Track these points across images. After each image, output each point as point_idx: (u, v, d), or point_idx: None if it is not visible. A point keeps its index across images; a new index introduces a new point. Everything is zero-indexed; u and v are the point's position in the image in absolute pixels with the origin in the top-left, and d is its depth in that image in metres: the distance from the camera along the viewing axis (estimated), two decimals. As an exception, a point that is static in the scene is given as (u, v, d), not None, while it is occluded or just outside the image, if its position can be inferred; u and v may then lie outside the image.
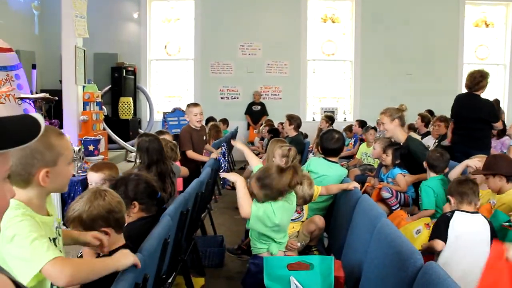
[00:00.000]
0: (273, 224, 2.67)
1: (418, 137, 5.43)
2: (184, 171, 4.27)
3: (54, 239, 1.66)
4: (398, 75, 11.29)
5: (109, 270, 1.63)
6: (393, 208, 4.23)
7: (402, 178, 4.30)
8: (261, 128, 9.31)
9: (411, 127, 8.29)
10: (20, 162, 1.51)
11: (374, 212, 2.54)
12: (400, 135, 4.41)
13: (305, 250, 3.39)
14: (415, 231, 3.63)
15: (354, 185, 3.39)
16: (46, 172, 1.55)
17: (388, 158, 4.49)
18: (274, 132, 7.31)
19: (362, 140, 7.22)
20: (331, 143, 3.89)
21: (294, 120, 6.05)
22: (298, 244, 3.25)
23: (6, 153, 0.89)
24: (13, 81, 7.29)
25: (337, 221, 3.51)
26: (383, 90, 11.16)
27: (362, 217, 2.77)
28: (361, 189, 3.57)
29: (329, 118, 9.16)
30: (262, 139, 9.20)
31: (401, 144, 4.39)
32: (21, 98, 6.49)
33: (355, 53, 11.50)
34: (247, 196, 2.72)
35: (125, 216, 2.01)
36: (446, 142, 5.43)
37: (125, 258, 1.68)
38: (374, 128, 7.13)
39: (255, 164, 3.36)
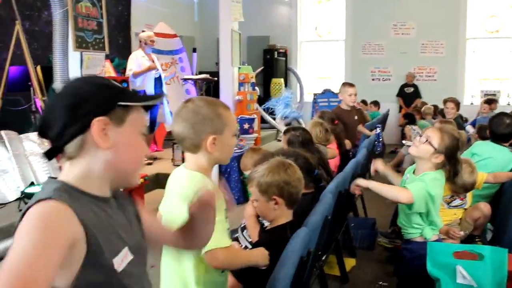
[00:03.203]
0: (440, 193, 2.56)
1: None
2: (332, 153, 4.20)
3: None
4: None
5: (249, 265, 1.80)
6: None
7: None
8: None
9: None
10: (193, 127, 1.62)
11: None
12: None
13: (467, 240, 3.18)
14: None
15: (529, 174, 3.09)
16: (214, 138, 1.63)
17: None
18: (410, 118, 6.87)
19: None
20: (502, 128, 3.59)
21: (457, 103, 5.72)
22: (461, 232, 3.05)
23: (140, 109, 1.17)
24: (177, 64, 7.92)
25: (506, 211, 3.22)
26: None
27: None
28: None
29: (491, 101, 8.41)
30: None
31: None
32: (185, 79, 6.99)
33: (526, 29, 10.33)
34: (388, 186, 2.62)
35: (300, 194, 2.07)
36: None
37: (263, 260, 1.78)
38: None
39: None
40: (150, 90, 6.17)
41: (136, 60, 6.20)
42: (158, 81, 6.48)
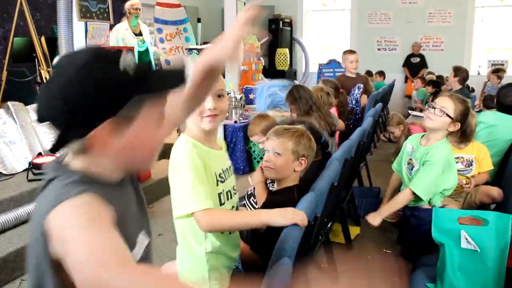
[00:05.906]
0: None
1: None
2: (341, 125, 4.23)
3: (226, 169, 1.79)
4: None
5: (257, 225, 1.73)
6: None
7: None
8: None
9: None
10: None
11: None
12: None
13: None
14: None
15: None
16: None
17: None
18: (436, 84, 6.76)
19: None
20: (510, 100, 3.55)
21: (460, 73, 5.61)
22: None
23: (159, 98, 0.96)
24: (182, 34, 7.83)
25: (510, 179, 3.23)
26: None
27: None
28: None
29: (498, 70, 8.32)
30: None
31: None
32: (189, 49, 6.96)
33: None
34: (394, 201, 2.87)
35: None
36: None
37: (284, 219, 1.58)
38: None
39: None
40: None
41: (117, 35, 5.94)
42: (145, 55, 6.19)
